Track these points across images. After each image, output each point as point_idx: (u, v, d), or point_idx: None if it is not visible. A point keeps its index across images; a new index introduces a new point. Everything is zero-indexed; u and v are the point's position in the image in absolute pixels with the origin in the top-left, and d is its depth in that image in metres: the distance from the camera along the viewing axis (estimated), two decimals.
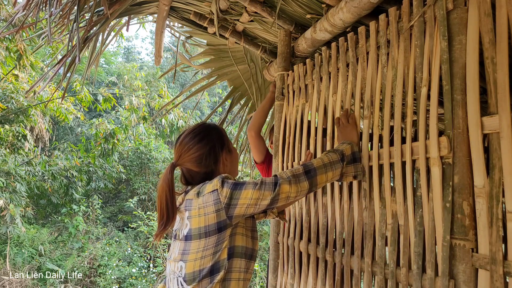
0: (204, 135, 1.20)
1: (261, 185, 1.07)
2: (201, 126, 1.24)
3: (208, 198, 1.06)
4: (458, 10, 1.04)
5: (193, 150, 1.17)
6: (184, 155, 1.18)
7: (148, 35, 17.77)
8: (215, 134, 1.23)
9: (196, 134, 1.20)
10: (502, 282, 0.87)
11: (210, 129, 1.23)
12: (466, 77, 1.00)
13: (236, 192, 1.06)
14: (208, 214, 1.05)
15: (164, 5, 2.06)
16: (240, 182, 1.08)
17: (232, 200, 1.05)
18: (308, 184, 1.14)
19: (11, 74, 6.24)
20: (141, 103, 8.32)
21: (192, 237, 1.07)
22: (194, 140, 1.19)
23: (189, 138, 1.20)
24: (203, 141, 1.19)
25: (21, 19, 2.10)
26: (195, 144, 1.18)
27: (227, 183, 1.08)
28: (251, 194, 1.06)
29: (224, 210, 1.05)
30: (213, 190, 1.06)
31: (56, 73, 2.05)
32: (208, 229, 1.05)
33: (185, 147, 1.18)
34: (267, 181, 1.09)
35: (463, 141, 0.99)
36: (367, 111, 1.36)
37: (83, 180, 7.73)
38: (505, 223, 0.89)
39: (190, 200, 1.11)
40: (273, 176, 1.11)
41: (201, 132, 1.22)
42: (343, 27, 1.62)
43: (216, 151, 1.20)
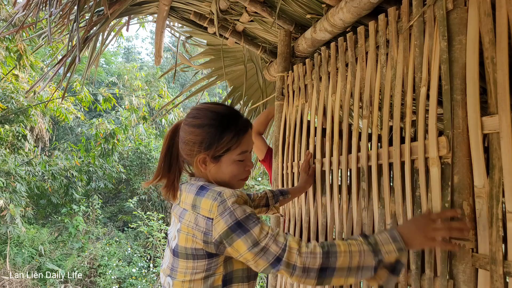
0: (205, 124, 0.99)
1: (260, 251, 0.85)
2: (214, 114, 1.00)
3: (200, 222, 0.89)
4: (458, 10, 1.04)
5: (186, 127, 1.01)
6: (184, 121, 1.03)
7: (148, 35, 17.79)
8: (214, 131, 0.98)
9: (202, 117, 1.00)
10: (502, 282, 0.87)
11: (218, 123, 0.99)
12: (466, 77, 1.00)
13: (233, 236, 0.86)
14: (196, 238, 0.89)
15: (164, 5, 2.06)
16: (244, 222, 0.86)
17: (224, 241, 0.87)
18: (316, 283, 0.86)
19: (11, 74, 6.24)
20: (141, 103, 8.33)
21: (179, 255, 0.92)
22: (193, 120, 1.00)
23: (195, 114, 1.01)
24: (195, 128, 0.99)
25: (21, 19, 2.10)
26: (189, 124, 1.01)
27: (229, 214, 0.86)
28: (244, 251, 0.85)
29: (213, 246, 0.88)
30: (208, 216, 0.88)
31: (56, 73, 2.05)
32: (196, 252, 0.90)
33: (187, 117, 1.03)
34: (270, 250, 0.84)
35: (463, 141, 0.99)
36: (366, 111, 1.36)
37: (83, 180, 7.73)
38: (505, 223, 0.89)
39: (184, 211, 0.96)
40: (282, 246, 0.85)
41: (209, 117, 0.99)
42: (343, 27, 1.61)
43: (195, 147, 0.99)
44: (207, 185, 0.96)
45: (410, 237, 0.88)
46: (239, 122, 1.01)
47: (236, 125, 1.00)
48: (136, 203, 8.20)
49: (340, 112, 1.53)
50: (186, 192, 0.99)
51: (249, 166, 1.05)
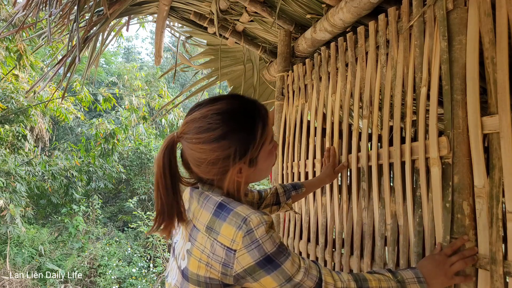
0: (222, 134, 0.79)
1: (294, 287, 0.76)
2: (231, 114, 0.81)
3: (218, 251, 0.74)
4: (458, 10, 1.04)
5: (194, 146, 0.80)
6: (186, 139, 0.82)
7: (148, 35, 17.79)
8: (242, 136, 0.80)
9: (213, 126, 0.79)
10: (502, 282, 0.87)
11: (238, 125, 0.81)
12: (466, 77, 1.00)
13: (261, 272, 0.74)
14: (211, 268, 0.75)
15: (164, 5, 2.06)
16: (275, 257, 0.75)
17: (248, 276, 0.74)
18: None
19: (11, 74, 6.24)
20: (141, 103, 8.33)
21: (190, 279, 0.78)
22: (202, 136, 0.79)
23: (199, 126, 0.80)
24: (213, 144, 0.78)
25: (21, 19, 2.10)
26: (199, 142, 0.79)
27: (257, 247, 0.73)
28: (272, 287, 0.75)
29: (233, 279, 0.75)
30: (229, 247, 0.73)
31: (56, 73, 2.05)
32: (211, 281, 0.76)
33: (190, 134, 0.81)
34: (305, 286, 0.76)
35: (463, 141, 0.99)
36: (366, 111, 1.36)
37: (83, 180, 7.73)
38: (505, 223, 0.89)
39: (195, 229, 0.79)
40: (316, 281, 0.78)
41: (221, 126, 0.79)
42: (343, 27, 1.61)
43: (228, 162, 0.80)
44: (227, 202, 0.79)
45: (432, 279, 0.90)
46: (258, 108, 0.85)
47: (259, 113, 0.84)
48: (136, 203, 8.20)
49: (340, 112, 1.53)
50: (198, 204, 0.82)
51: (276, 145, 0.93)
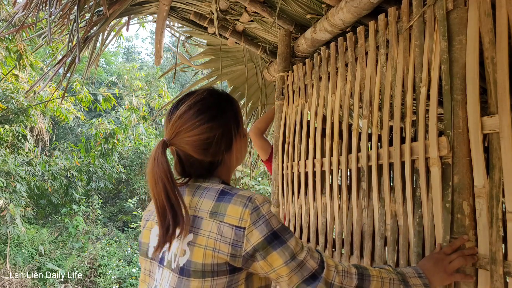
0: (217, 111, 0.84)
1: (298, 266, 0.76)
2: (212, 97, 0.87)
3: (226, 232, 0.74)
4: (458, 10, 1.04)
5: (198, 130, 0.81)
6: (183, 134, 0.81)
7: (148, 35, 17.79)
8: (231, 110, 0.88)
9: (205, 108, 0.83)
10: (502, 282, 0.87)
11: (224, 103, 0.87)
12: (466, 77, 1.00)
13: (268, 248, 0.74)
14: (219, 252, 0.74)
15: (164, 5, 2.06)
16: (281, 233, 0.76)
17: (257, 253, 0.74)
18: None
19: (11, 74, 6.24)
20: (141, 103, 8.33)
21: (192, 274, 0.74)
22: (201, 117, 0.82)
23: (194, 112, 0.82)
24: (215, 121, 0.83)
25: (21, 19, 2.10)
26: (203, 122, 0.81)
27: (264, 222, 0.75)
28: (279, 265, 0.75)
29: (242, 260, 0.74)
30: (238, 225, 0.74)
31: (56, 73, 2.05)
32: (217, 268, 0.74)
33: (187, 124, 0.81)
34: (307, 265, 0.77)
35: (463, 141, 0.99)
36: (366, 111, 1.36)
37: (83, 180, 7.74)
38: (505, 223, 0.89)
39: (195, 219, 0.78)
40: (318, 261, 0.79)
41: (213, 106, 0.84)
42: (343, 27, 1.61)
43: (231, 134, 0.86)
44: (229, 189, 0.80)
45: (432, 275, 0.91)
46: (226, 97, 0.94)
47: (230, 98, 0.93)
48: (136, 203, 8.20)
49: (340, 112, 1.53)
50: (195, 197, 0.82)
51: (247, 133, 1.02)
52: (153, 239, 0.87)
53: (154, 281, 0.84)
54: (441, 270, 0.92)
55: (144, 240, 0.89)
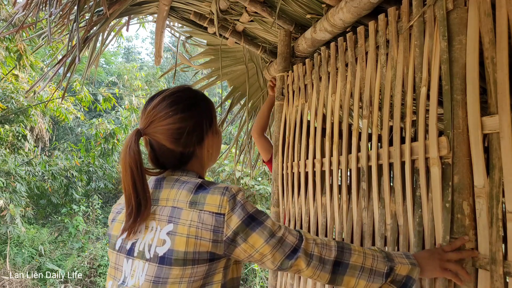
0: (191, 104, 0.90)
1: (278, 242, 0.80)
2: (187, 92, 0.93)
3: (207, 220, 0.78)
4: (458, 10, 1.04)
5: (171, 119, 0.86)
6: (157, 123, 0.86)
7: (148, 35, 17.79)
8: (204, 106, 0.93)
9: (179, 99, 0.89)
10: (502, 282, 0.87)
11: (198, 98, 0.93)
12: (466, 77, 1.00)
13: (247, 231, 0.79)
14: (201, 239, 0.77)
15: (164, 5, 2.06)
16: (257, 216, 0.81)
17: (237, 237, 0.78)
18: (329, 279, 0.84)
19: (11, 74, 6.24)
20: (141, 103, 8.33)
21: (174, 262, 0.76)
22: (175, 107, 0.87)
23: (169, 103, 0.87)
24: (188, 112, 0.88)
25: (21, 19, 2.10)
26: (176, 112, 0.86)
27: (241, 207, 0.80)
28: (260, 244, 0.79)
29: (224, 245, 0.78)
30: (217, 212, 0.78)
31: (56, 73, 2.05)
32: (198, 256, 0.77)
33: (161, 113, 0.86)
34: (287, 241, 0.81)
35: (463, 141, 0.99)
36: (366, 111, 1.36)
37: (83, 180, 7.74)
38: (505, 223, 0.89)
39: (174, 209, 0.81)
40: (297, 236, 0.84)
41: (187, 99, 0.90)
42: (343, 27, 1.61)
43: (202, 128, 0.91)
44: (206, 183, 0.84)
45: (424, 263, 0.92)
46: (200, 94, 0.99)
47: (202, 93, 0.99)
48: None
49: (340, 112, 1.53)
50: (173, 189, 0.85)
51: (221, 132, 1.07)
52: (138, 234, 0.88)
53: (122, 274, 0.84)
54: (435, 263, 0.93)
55: (114, 233, 0.91)
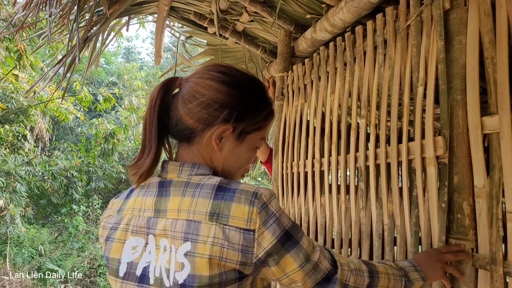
0: (242, 85, 0.75)
1: (312, 268, 0.68)
2: (257, 80, 0.79)
3: (233, 237, 0.63)
4: (458, 10, 1.04)
5: (206, 81, 0.72)
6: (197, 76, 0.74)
7: (148, 35, 17.80)
8: (253, 99, 0.75)
9: (237, 75, 0.75)
10: (502, 282, 0.87)
11: (258, 91, 0.78)
12: (466, 77, 1.00)
13: (282, 252, 0.65)
14: (227, 261, 0.63)
15: (164, 5, 2.06)
16: (293, 232, 0.67)
17: (269, 259, 0.65)
18: None
19: (11, 74, 6.24)
20: (141, 103, 8.33)
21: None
22: (222, 75, 0.73)
23: (224, 69, 0.75)
24: (227, 86, 0.72)
25: (21, 19, 2.10)
26: (216, 78, 0.72)
27: (276, 221, 0.65)
28: (293, 269, 0.67)
29: (253, 267, 0.65)
30: (246, 228, 0.63)
31: (56, 73, 2.05)
32: (226, 277, 0.64)
33: (208, 70, 0.74)
34: (321, 266, 0.69)
35: (463, 141, 0.99)
36: (364, 111, 1.36)
37: (83, 180, 7.73)
38: (505, 223, 0.89)
39: (190, 223, 0.65)
40: (330, 261, 0.72)
41: (245, 79, 0.76)
42: (343, 27, 1.61)
43: (220, 113, 0.71)
44: (226, 182, 0.68)
45: (428, 272, 0.90)
46: (266, 93, 0.80)
47: (270, 102, 0.80)
48: None
49: (338, 111, 1.53)
50: (184, 197, 0.68)
51: (256, 158, 0.84)
52: (127, 253, 0.71)
53: None
54: (437, 269, 0.92)
55: (113, 256, 0.73)
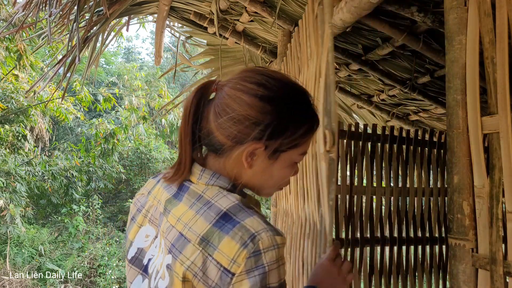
0: (278, 99, 0.66)
1: None
2: (300, 91, 0.70)
3: (210, 271, 0.59)
4: (458, 10, 1.04)
5: (238, 93, 0.66)
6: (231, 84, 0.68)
7: (149, 35, 17.79)
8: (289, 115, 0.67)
9: (273, 87, 0.67)
10: (502, 282, 0.87)
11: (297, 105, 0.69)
12: (466, 77, 1.00)
13: None
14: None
15: (164, 5, 2.06)
16: None
17: None
18: None
19: (11, 74, 6.23)
20: (141, 103, 8.34)
21: None
22: (256, 87, 0.66)
23: (260, 79, 0.67)
24: (260, 101, 0.65)
25: (21, 19, 2.10)
26: (249, 91, 0.65)
27: (260, 275, 0.57)
28: None
29: None
30: (226, 268, 0.58)
31: (56, 73, 2.05)
32: None
33: (242, 80, 0.67)
34: None
35: (463, 141, 0.99)
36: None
37: (83, 180, 7.73)
38: (505, 223, 0.89)
39: (181, 239, 0.62)
40: None
41: (283, 91, 0.68)
42: (343, 27, 1.61)
43: (252, 130, 0.65)
44: (236, 211, 0.62)
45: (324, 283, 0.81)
46: (314, 110, 0.72)
47: (314, 114, 0.71)
48: None
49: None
50: (190, 208, 0.65)
51: (297, 170, 0.76)
52: (140, 239, 0.72)
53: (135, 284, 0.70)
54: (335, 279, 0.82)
55: (130, 237, 0.74)
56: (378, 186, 2.23)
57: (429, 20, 1.59)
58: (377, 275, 2.22)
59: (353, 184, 2.16)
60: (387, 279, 2.28)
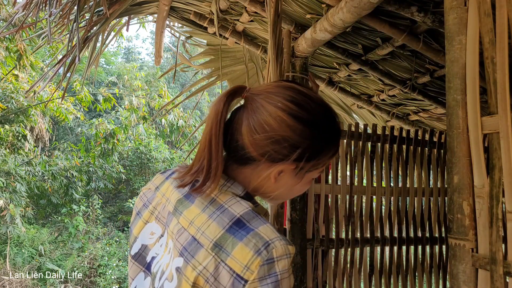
0: (318, 124, 0.67)
1: None
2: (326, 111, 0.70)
3: (223, 278, 0.58)
4: (458, 10, 1.04)
5: (280, 113, 0.64)
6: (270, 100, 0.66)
7: (149, 35, 17.80)
8: (324, 140, 0.69)
9: (315, 110, 0.67)
10: (502, 282, 0.87)
11: (332, 132, 0.70)
12: (466, 77, 1.00)
13: None
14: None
15: (164, 5, 2.06)
16: None
17: None
18: None
19: (11, 74, 6.24)
20: (141, 103, 8.34)
21: None
22: (299, 110, 0.65)
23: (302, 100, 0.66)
24: (302, 125, 0.65)
25: (21, 19, 2.10)
26: (293, 113, 0.64)
27: (273, 283, 0.58)
28: None
29: None
30: (239, 274, 0.57)
31: (56, 73, 2.05)
32: None
33: (283, 99, 0.65)
34: None
35: (463, 141, 0.99)
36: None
37: (83, 180, 7.74)
38: (505, 223, 0.89)
39: (193, 242, 0.62)
40: None
41: (322, 117, 0.68)
42: (343, 27, 1.61)
43: (288, 152, 0.65)
44: (249, 218, 0.62)
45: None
46: (339, 131, 0.73)
47: (339, 136, 0.73)
48: None
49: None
50: (203, 212, 0.65)
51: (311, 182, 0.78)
52: (145, 236, 0.72)
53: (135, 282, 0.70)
54: None
55: (134, 232, 0.74)
56: (378, 186, 2.23)
57: (429, 20, 1.59)
58: (377, 275, 2.22)
59: (353, 184, 2.16)
60: (387, 279, 2.28)
